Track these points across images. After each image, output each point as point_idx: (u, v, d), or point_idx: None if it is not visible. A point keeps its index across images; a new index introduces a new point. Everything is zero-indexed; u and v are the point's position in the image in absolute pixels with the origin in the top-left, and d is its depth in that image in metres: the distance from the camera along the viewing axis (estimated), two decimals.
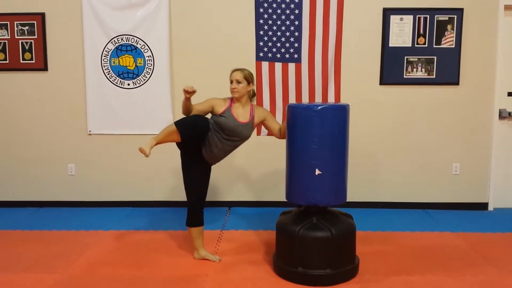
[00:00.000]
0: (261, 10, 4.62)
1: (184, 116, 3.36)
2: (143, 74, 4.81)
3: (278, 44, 4.66)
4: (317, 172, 3.06)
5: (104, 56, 4.79)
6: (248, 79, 3.37)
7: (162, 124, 4.75)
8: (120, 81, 4.82)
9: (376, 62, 4.76)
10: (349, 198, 3.42)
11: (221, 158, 3.47)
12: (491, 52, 4.73)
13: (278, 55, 4.67)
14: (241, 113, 3.38)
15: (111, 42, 4.77)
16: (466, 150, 4.86)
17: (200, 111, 3.37)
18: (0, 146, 4.98)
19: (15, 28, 4.79)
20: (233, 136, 3.35)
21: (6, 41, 4.82)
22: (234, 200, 5.00)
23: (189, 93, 3.23)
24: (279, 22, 4.63)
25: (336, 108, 3.15)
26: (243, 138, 3.41)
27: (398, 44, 4.71)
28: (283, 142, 3.44)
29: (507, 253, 3.66)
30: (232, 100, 3.41)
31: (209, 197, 3.58)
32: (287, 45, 4.65)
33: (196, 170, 3.43)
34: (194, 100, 3.37)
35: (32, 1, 4.76)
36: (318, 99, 4.71)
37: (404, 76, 4.75)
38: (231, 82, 3.39)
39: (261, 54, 4.68)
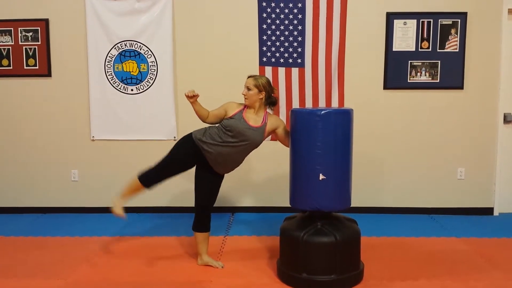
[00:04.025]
0: (264, 15, 4.62)
1: (201, 119, 3.43)
2: (146, 80, 4.81)
3: (281, 49, 4.66)
4: (321, 177, 3.04)
5: (108, 61, 4.79)
6: (260, 87, 3.34)
7: (165, 129, 4.81)
8: (124, 87, 4.82)
9: (379, 67, 4.75)
10: (354, 203, 3.40)
11: (227, 165, 3.44)
12: (495, 56, 4.71)
13: (282, 60, 4.67)
14: (253, 118, 3.36)
15: (115, 48, 4.78)
16: (471, 154, 4.84)
17: (215, 116, 3.42)
18: (3, 152, 4.99)
19: (19, 34, 4.80)
20: (240, 138, 3.30)
21: (10, 47, 4.83)
22: (238, 205, 4.98)
23: (190, 97, 3.26)
24: (282, 27, 4.63)
25: (340, 112, 3.14)
26: (253, 142, 3.35)
27: (402, 48, 4.70)
28: (287, 147, 3.44)
29: None
30: (246, 105, 3.42)
31: None
32: (290, 50, 4.65)
33: (204, 178, 3.44)
34: (206, 107, 3.41)
35: (36, 7, 4.78)
36: (322, 103, 4.70)
37: (408, 81, 4.73)
38: (244, 87, 3.40)
39: (264, 59, 4.68)
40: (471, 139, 4.82)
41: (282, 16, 4.62)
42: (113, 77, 4.81)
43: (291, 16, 4.62)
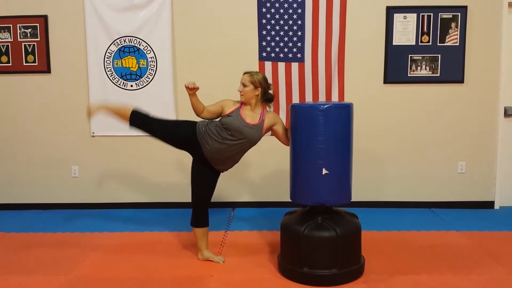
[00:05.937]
0: (264, 9, 4.61)
1: (196, 113, 3.40)
2: (146, 76, 4.80)
3: (281, 44, 4.64)
4: (324, 171, 3.04)
5: (107, 57, 4.78)
6: (256, 83, 3.32)
7: None
8: (123, 83, 4.81)
9: (380, 61, 4.73)
10: (354, 198, 3.40)
11: (225, 162, 3.43)
12: (495, 50, 4.70)
13: (281, 55, 4.65)
14: (250, 115, 3.34)
15: (114, 44, 4.77)
16: (472, 148, 4.83)
17: (210, 112, 3.40)
18: (3, 149, 4.98)
19: (18, 31, 4.79)
20: (238, 137, 3.30)
21: (9, 44, 4.82)
22: (238, 200, 4.99)
23: (190, 89, 3.24)
24: (281, 22, 4.62)
25: (340, 107, 3.13)
26: (250, 140, 3.34)
27: (402, 42, 4.68)
28: (285, 145, 3.45)
29: None
30: (243, 102, 3.40)
31: (213, 198, 3.57)
32: (290, 44, 4.64)
33: (201, 173, 3.43)
34: (205, 102, 3.40)
35: (34, 3, 4.76)
36: (322, 98, 4.69)
37: (408, 75, 4.72)
38: (240, 84, 3.38)
39: (264, 54, 4.66)
40: (472, 132, 4.81)
41: (281, 10, 4.60)
42: (112, 73, 4.80)
43: (290, 11, 4.60)
